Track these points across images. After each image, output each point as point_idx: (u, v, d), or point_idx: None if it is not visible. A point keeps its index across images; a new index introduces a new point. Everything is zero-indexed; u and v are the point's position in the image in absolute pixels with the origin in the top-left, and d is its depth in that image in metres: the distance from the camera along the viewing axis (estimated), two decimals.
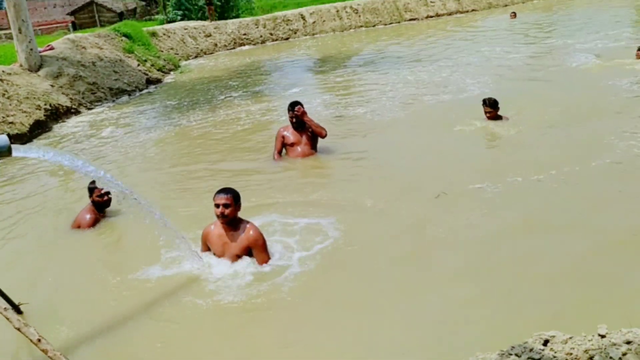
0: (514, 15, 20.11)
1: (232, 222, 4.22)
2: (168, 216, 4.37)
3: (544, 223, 4.61)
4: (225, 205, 4.13)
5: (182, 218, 5.31)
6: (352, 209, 5.23)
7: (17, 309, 3.88)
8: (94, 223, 5.53)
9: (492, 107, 7.25)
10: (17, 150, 3.42)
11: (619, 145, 6.10)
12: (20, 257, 5.18)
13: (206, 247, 4.41)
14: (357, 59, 16.06)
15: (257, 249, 4.22)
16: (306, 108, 7.00)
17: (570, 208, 4.81)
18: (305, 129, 6.96)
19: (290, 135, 7.03)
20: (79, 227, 5.52)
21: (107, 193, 5.59)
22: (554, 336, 2.59)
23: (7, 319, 3.34)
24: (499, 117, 7.37)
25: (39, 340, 3.24)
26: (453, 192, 5.36)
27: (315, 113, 9.28)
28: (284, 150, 7.09)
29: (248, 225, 4.27)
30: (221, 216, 4.15)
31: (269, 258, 4.24)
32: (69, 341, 3.68)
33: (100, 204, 5.61)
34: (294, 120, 6.92)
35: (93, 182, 5.52)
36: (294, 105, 6.95)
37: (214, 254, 4.32)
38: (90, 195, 5.60)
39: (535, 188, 5.29)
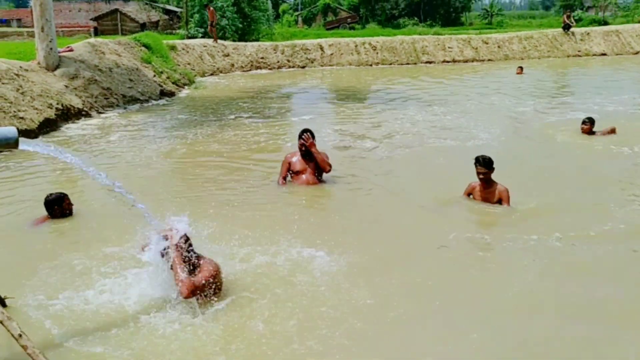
0: (520, 70, 20.22)
1: None
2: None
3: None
4: None
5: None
6: (337, 248, 5.11)
7: (2, 302, 3.86)
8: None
9: (486, 167, 5.83)
10: (24, 144, 3.47)
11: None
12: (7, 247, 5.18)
13: None
14: (370, 94, 16.25)
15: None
16: (315, 137, 7.03)
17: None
18: (313, 159, 6.96)
19: (297, 162, 7.01)
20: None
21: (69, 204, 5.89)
22: None
23: None
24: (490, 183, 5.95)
25: (20, 335, 3.21)
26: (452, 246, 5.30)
27: (322, 142, 9.35)
28: (289, 177, 7.08)
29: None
30: None
31: None
32: (51, 339, 3.63)
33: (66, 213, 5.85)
34: (303, 148, 6.93)
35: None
36: (303, 132, 6.98)
37: None
38: (61, 204, 5.79)
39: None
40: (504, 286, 4.39)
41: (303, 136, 6.91)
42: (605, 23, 33.94)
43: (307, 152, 6.93)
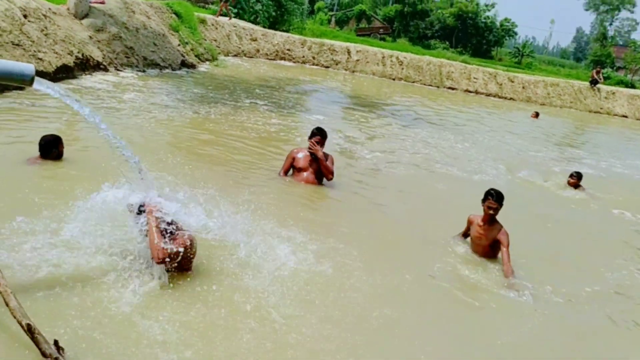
0: (535, 115, 20.21)
1: None
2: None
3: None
4: None
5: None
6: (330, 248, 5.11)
7: None
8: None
9: (498, 202, 5.38)
10: (39, 83, 3.42)
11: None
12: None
13: None
14: (387, 107, 16.18)
15: None
16: (327, 136, 6.95)
17: None
18: (319, 160, 6.89)
19: (302, 158, 6.92)
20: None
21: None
22: None
23: None
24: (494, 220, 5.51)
25: None
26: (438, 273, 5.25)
27: (331, 145, 9.30)
28: (290, 172, 7.00)
29: None
30: None
31: None
32: (24, 283, 3.55)
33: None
34: (312, 147, 6.81)
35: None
36: (315, 132, 6.85)
37: None
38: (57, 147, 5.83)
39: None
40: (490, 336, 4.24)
41: (315, 137, 6.81)
42: (632, 86, 33.90)
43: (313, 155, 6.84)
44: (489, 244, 5.44)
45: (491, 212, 5.33)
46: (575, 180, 9.29)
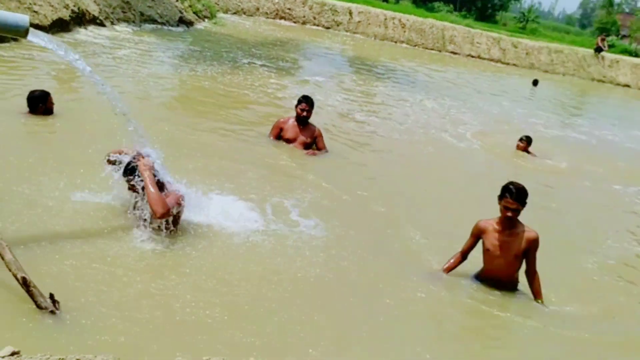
0: (534, 83, 19.90)
1: None
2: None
3: None
4: None
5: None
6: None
7: None
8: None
9: (519, 202, 4.11)
10: (34, 35, 3.35)
11: None
12: None
13: None
14: (387, 71, 15.98)
15: None
16: (323, 101, 6.78)
17: None
18: (309, 129, 6.62)
19: (290, 128, 6.63)
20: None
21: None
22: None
23: None
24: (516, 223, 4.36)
25: None
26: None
27: (328, 108, 9.22)
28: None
29: None
30: None
31: None
32: (21, 238, 3.54)
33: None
34: (304, 114, 6.55)
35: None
36: (302, 101, 6.56)
37: None
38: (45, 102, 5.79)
39: None
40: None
41: (301, 105, 6.54)
42: (637, 55, 33.46)
43: (304, 119, 6.62)
44: (514, 256, 4.15)
45: (509, 213, 4.08)
46: (525, 144, 8.94)
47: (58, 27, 10.62)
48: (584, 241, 5.92)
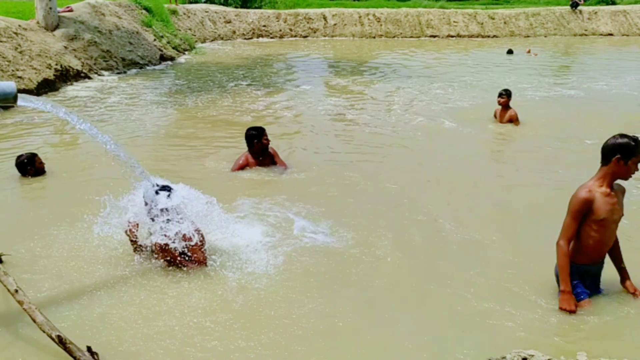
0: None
1: None
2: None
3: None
4: None
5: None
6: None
7: None
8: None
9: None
10: (24, 100, 3.51)
11: None
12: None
13: None
14: (369, 67, 16.11)
15: None
16: (310, 107, 6.88)
17: None
18: (268, 156, 6.39)
19: (252, 164, 6.35)
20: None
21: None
22: (532, 355, 2.61)
23: None
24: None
25: (17, 291, 3.29)
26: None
27: (318, 113, 9.37)
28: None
29: None
30: None
31: None
32: (47, 296, 3.70)
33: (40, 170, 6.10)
34: (261, 148, 6.29)
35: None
36: (261, 132, 6.30)
37: None
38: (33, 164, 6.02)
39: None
40: None
41: (264, 137, 6.28)
42: (613, 3, 33.48)
43: (265, 150, 6.35)
44: (621, 217, 3.66)
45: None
46: (505, 98, 8.74)
47: (45, 87, 10.86)
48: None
